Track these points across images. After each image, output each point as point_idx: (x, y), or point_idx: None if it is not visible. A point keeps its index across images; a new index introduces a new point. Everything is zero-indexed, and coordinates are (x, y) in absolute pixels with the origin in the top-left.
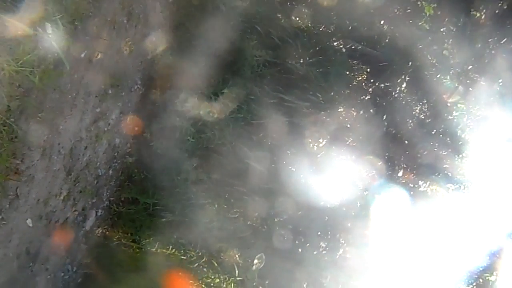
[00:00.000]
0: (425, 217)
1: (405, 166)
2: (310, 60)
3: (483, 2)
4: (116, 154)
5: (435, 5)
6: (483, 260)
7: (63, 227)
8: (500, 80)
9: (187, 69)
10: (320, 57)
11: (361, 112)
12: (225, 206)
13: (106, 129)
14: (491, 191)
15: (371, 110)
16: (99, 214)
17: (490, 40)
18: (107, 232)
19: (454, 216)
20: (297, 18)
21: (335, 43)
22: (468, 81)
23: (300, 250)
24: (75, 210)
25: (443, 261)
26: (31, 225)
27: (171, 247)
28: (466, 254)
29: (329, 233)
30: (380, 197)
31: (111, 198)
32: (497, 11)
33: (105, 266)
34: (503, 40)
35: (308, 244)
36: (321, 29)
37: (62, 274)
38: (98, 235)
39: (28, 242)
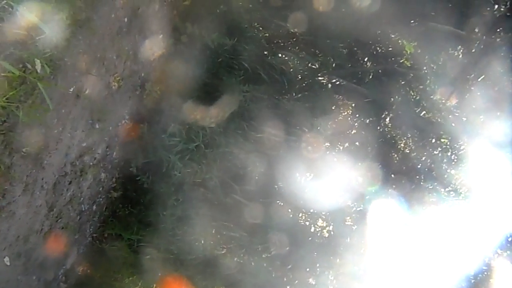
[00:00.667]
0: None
1: (396, 190)
2: (297, 96)
3: (460, 42)
4: (101, 189)
5: (415, 43)
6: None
7: (42, 265)
8: (481, 117)
9: (175, 104)
10: (306, 93)
11: (347, 145)
12: (212, 242)
13: (91, 163)
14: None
15: (357, 144)
16: (81, 251)
17: (468, 77)
18: (89, 270)
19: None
20: (283, 55)
21: (320, 79)
22: (450, 116)
23: (289, 287)
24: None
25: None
26: (8, 263)
27: (155, 285)
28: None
29: (318, 268)
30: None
31: (94, 234)
32: (473, 50)
33: None
34: (481, 77)
35: (297, 281)
36: (307, 65)
37: None
38: (79, 273)
39: (4, 281)
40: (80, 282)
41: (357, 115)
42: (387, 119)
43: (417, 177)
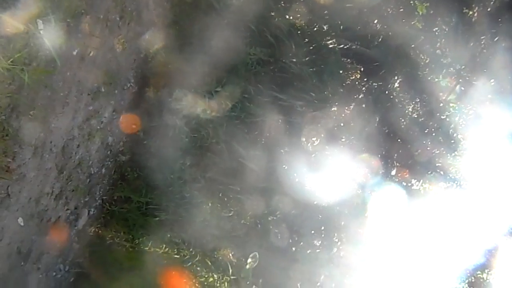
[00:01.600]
0: (420, 215)
1: (399, 164)
2: (304, 59)
3: (476, 0)
4: (109, 152)
5: (428, 4)
6: (478, 258)
7: (55, 226)
8: (492, 80)
9: (181, 67)
10: (314, 56)
11: (355, 110)
12: (219, 205)
13: (99, 127)
14: (486, 188)
15: (365, 109)
16: (91, 213)
17: (483, 38)
18: (100, 231)
19: (449, 214)
20: (291, 17)
21: (328, 42)
22: (461, 80)
23: (294, 248)
24: (67, 209)
25: (438, 259)
26: (22, 224)
27: (164, 246)
28: (461, 252)
29: (324, 231)
30: (375, 194)
31: (104, 197)
32: (489, 9)
33: (97, 265)
34: (496, 38)
35: (302, 243)
36: (315, 28)
37: (54, 273)
38: (91, 234)
39: (19, 241)
40: (91, 242)
41: (366, 79)
42: (397, 84)
43: (424, 142)
